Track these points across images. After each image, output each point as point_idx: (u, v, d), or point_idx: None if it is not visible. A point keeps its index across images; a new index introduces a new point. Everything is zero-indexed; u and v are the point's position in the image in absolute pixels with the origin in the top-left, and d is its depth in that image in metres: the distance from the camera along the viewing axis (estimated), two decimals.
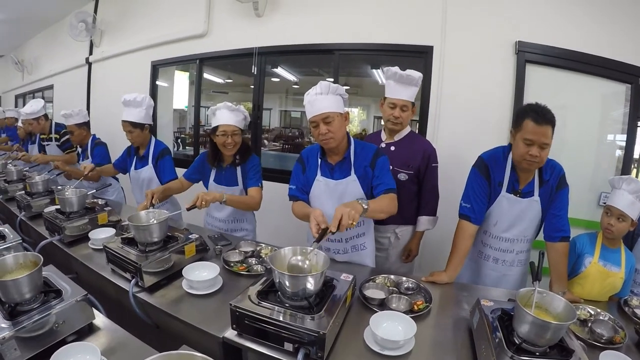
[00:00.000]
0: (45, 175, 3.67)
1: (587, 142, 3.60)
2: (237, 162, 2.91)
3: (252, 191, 2.85)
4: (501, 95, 3.62)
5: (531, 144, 2.00)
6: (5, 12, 7.60)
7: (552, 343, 1.37)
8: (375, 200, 2.13)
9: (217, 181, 2.98)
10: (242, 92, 8.98)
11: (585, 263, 2.29)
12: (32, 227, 3.00)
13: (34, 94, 10.17)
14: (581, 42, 3.40)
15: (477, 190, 2.27)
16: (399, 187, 2.68)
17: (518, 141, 2.07)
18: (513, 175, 2.22)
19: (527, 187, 2.21)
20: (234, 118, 2.76)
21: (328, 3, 4.37)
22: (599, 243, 2.31)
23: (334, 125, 2.17)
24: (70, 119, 4.12)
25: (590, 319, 1.84)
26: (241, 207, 2.90)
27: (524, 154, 2.04)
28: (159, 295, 1.92)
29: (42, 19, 8.33)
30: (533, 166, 2.10)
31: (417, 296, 1.94)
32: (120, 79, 6.58)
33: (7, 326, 1.35)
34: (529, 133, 1.99)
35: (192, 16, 5.38)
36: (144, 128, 3.35)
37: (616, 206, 2.21)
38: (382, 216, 2.17)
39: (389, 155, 2.68)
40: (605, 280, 2.23)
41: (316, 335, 1.38)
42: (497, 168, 2.25)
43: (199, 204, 2.49)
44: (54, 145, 4.95)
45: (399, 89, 2.76)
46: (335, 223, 1.76)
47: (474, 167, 2.34)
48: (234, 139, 2.78)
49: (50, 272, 1.73)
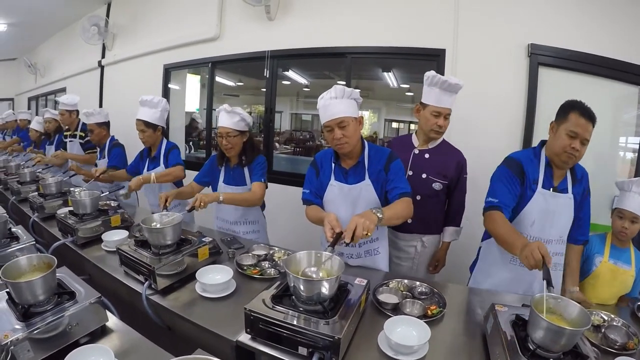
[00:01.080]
0: (59, 177, 3.71)
1: (600, 145, 3.55)
2: (243, 163, 2.96)
3: (254, 186, 2.88)
4: (513, 98, 3.60)
5: (575, 136, 2.00)
6: (19, 15, 7.69)
7: (567, 349, 1.36)
8: (389, 207, 2.09)
9: (226, 181, 3.01)
10: (253, 95, 8.97)
11: (596, 262, 2.33)
12: (45, 228, 3.02)
13: (46, 97, 10.28)
14: (593, 44, 3.38)
15: (507, 186, 2.15)
16: (431, 196, 2.74)
17: (561, 133, 2.05)
18: (548, 172, 2.17)
19: (561, 184, 2.17)
20: (229, 120, 2.80)
21: (339, 7, 4.39)
22: (608, 243, 2.36)
23: (348, 130, 2.17)
24: (92, 118, 4.16)
25: (604, 324, 1.82)
26: (241, 203, 2.89)
27: (566, 146, 2.02)
28: (172, 298, 1.93)
29: (54, 23, 8.41)
30: (571, 160, 2.07)
31: (430, 301, 1.93)
32: (133, 82, 6.63)
33: (21, 327, 1.36)
34: (576, 125, 2.00)
35: (204, 19, 5.42)
36: (157, 129, 3.40)
37: (629, 209, 2.24)
38: (398, 222, 2.15)
39: (422, 163, 2.71)
40: (617, 279, 2.27)
41: (331, 339, 1.38)
42: (531, 165, 2.19)
43: (197, 204, 2.54)
44: (76, 143, 4.97)
45: (443, 97, 2.66)
46: (350, 234, 1.74)
47: (502, 165, 2.24)
48: (230, 141, 2.83)
49: (64, 274, 1.74)
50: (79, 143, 4.96)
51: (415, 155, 2.79)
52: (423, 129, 2.77)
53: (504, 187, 2.15)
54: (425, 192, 2.75)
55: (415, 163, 2.78)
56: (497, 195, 2.14)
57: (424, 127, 2.75)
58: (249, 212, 3.02)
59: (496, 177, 2.22)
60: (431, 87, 2.68)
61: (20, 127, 7.36)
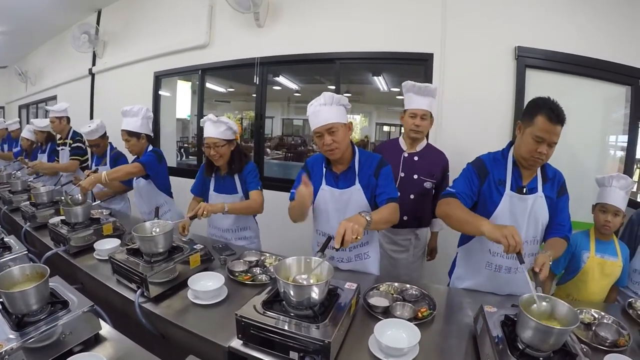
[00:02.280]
0: (50, 187, 3.70)
1: (589, 145, 3.62)
2: (233, 170, 2.95)
3: (254, 194, 2.87)
4: (502, 101, 3.64)
5: (541, 141, 1.94)
6: (9, 23, 7.66)
7: (556, 348, 1.38)
8: (377, 212, 2.13)
9: (217, 190, 3.00)
10: (245, 101, 9.00)
11: (584, 258, 2.38)
12: (37, 237, 3.02)
13: (37, 105, 10.24)
14: (580, 45, 3.42)
15: (466, 180, 2.18)
16: (424, 195, 3.00)
17: (527, 136, 1.99)
18: (515, 172, 2.14)
19: (530, 183, 2.14)
20: (215, 130, 2.78)
21: (328, 13, 4.41)
22: (592, 238, 2.42)
23: (338, 136, 2.20)
24: (94, 134, 4.08)
25: (594, 322, 1.84)
26: (245, 212, 2.91)
27: (532, 151, 1.97)
28: (165, 306, 1.93)
29: (45, 31, 8.38)
30: (537, 163, 2.04)
31: (421, 303, 1.95)
32: (124, 90, 6.61)
33: (15, 337, 1.36)
34: (541, 130, 1.93)
35: (194, 27, 5.44)
36: (140, 137, 3.40)
37: (611, 203, 2.33)
38: (385, 227, 2.19)
39: (413, 165, 2.88)
40: (605, 272, 2.33)
41: (321, 344, 1.40)
42: (496, 166, 2.17)
43: (201, 213, 2.54)
44: (67, 151, 4.94)
45: (418, 100, 2.95)
46: (339, 239, 1.75)
47: (469, 164, 2.26)
48: (217, 151, 2.82)
49: (57, 283, 1.74)
50: (68, 151, 4.93)
51: (405, 158, 3.01)
52: (406, 132, 3.06)
53: (462, 180, 2.20)
54: (417, 191, 3.02)
55: (406, 165, 3.00)
56: (455, 186, 2.19)
57: (405, 129, 3.06)
58: (241, 219, 3.02)
59: (460, 174, 2.26)
60: (407, 93, 3.02)
61: (13, 136, 7.30)
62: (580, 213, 2.49)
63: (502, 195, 2.12)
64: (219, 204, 2.71)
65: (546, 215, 2.15)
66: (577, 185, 2.24)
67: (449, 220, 2.09)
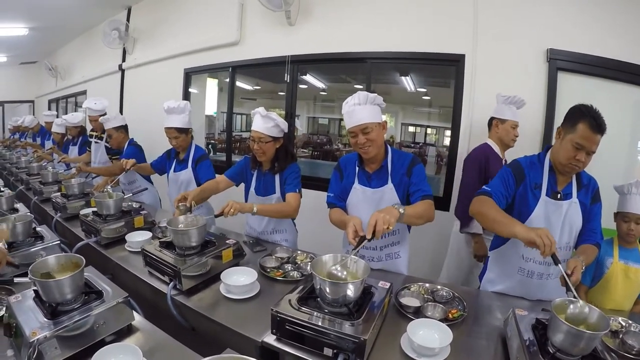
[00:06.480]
0: (81, 178, 3.78)
1: (618, 150, 3.54)
2: (275, 169, 2.83)
3: (290, 197, 2.75)
4: (533, 104, 3.57)
5: (581, 148, 1.92)
6: (41, 20, 7.82)
7: (586, 353, 1.38)
8: (412, 206, 2.12)
9: (257, 190, 2.92)
10: (270, 99, 9.05)
11: (607, 264, 2.32)
12: (68, 228, 3.09)
13: (67, 99, 10.44)
14: (612, 49, 3.35)
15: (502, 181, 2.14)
16: None
17: (567, 143, 1.97)
18: (551, 177, 2.12)
19: (565, 188, 2.12)
20: (262, 125, 2.69)
21: (359, 12, 4.41)
22: (616, 245, 2.36)
23: (372, 135, 2.19)
24: (108, 123, 4.23)
25: (622, 330, 1.81)
26: (275, 215, 2.80)
27: (571, 158, 1.95)
28: (197, 299, 1.96)
29: (75, 27, 8.57)
30: (574, 170, 2.02)
31: (451, 305, 1.94)
32: (153, 86, 6.72)
33: (49, 325, 1.39)
34: (582, 138, 1.90)
35: (225, 24, 5.47)
36: (188, 132, 3.45)
37: (634, 211, 2.26)
38: (420, 222, 2.13)
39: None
40: (629, 278, 2.27)
41: (356, 341, 1.40)
42: (533, 170, 2.15)
43: (227, 210, 2.44)
44: (102, 146, 4.96)
45: (516, 112, 3.31)
46: (370, 230, 1.75)
47: (506, 166, 2.24)
48: (262, 146, 2.71)
49: (90, 273, 1.77)
50: (104, 146, 4.95)
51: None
52: (506, 140, 3.35)
53: (498, 180, 2.16)
54: None
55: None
56: (491, 186, 2.15)
57: (506, 138, 3.34)
58: (278, 222, 2.92)
59: (497, 175, 2.22)
60: (509, 105, 3.32)
61: (48, 129, 7.41)
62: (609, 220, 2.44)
63: (537, 199, 2.10)
64: (249, 204, 2.63)
65: (580, 221, 2.13)
66: (604, 192, 2.19)
67: (481, 219, 2.07)
